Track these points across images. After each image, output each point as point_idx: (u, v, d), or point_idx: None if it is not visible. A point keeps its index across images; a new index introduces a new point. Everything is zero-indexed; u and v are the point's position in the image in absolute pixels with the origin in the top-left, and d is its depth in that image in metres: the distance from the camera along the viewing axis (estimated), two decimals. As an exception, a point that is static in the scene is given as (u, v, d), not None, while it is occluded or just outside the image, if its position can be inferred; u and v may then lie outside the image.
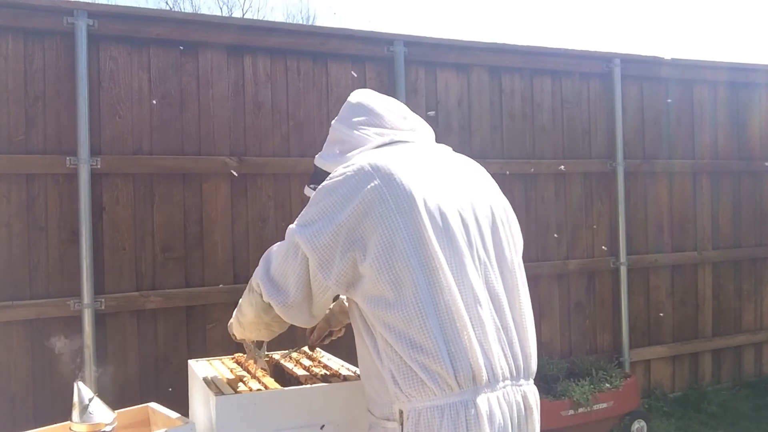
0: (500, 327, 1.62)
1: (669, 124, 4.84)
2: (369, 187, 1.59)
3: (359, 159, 1.69)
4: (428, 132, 1.92)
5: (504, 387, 1.59)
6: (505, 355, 1.61)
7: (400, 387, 1.55)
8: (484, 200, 1.72)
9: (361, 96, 1.91)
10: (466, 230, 1.63)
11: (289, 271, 1.67)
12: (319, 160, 1.92)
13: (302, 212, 1.69)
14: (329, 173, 1.75)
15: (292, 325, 1.85)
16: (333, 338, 2.19)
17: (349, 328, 2.18)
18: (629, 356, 4.58)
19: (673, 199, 4.85)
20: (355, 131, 1.82)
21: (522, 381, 1.64)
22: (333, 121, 1.92)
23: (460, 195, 1.67)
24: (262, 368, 2.19)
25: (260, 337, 1.99)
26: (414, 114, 1.93)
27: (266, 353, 2.45)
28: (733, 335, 5.06)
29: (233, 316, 2.00)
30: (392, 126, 1.83)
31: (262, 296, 1.74)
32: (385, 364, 1.58)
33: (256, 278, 1.76)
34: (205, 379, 2.07)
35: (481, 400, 1.54)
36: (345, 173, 1.65)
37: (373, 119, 1.83)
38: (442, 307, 1.54)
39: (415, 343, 1.53)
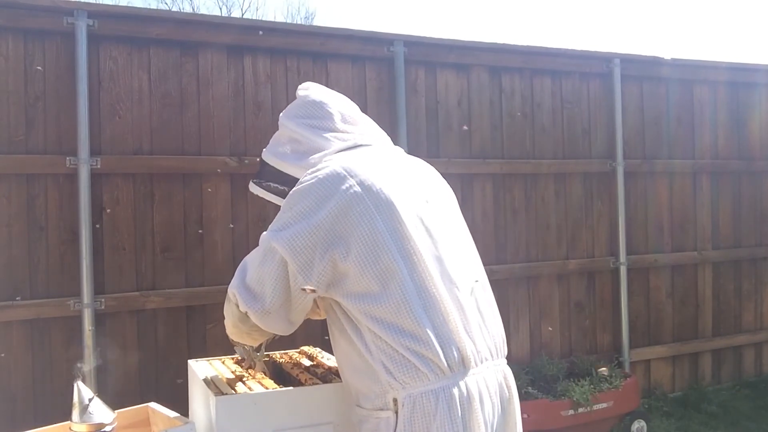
0: (478, 311, 1.69)
1: (669, 124, 4.84)
2: (344, 187, 1.63)
3: (328, 163, 1.71)
4: (383, 134, 1.96)
5: (487, 368, 1.65)
6: (484, 338, 1.67)
7: (393, 375, 1.58)
8: (443, 197, 1.82)
9: (312, 94, 1.91)
10: (435, 223, 1.71)
11: (265, 277, 1.67)
12: (270, 158, 1.91)
13: (276, 218, 1.70)
14: (279, 170, 1.81)
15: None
16: None
17: None
18: (629, 356, 4.58)
19: (673, 199, 4.85)
20: (312, 134, 1.83)
21: (499, 360, 1.72)
22: (281, 116, 1.92)
23: (423, 191, 1.76)
24: (261, 371, 2.19)
25: (247, 343, 2.00)
26: (364, 115, 1.96)
27: (268, 353, 2.45)
28: (733, 335, 5.06)
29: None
30: (351, 130, 1.85)
31: (238, 306, 1.74)
32: (376, 355, 1.60)
33: (232, 288, 1.76)
34: (205, 379, 2.07)
35: (471, 382, 1.60)
36: (317, 176, 1.67)
37: (328, 123, 1.84)
38: (427, 296, 1.60)
39: (405, 331, 1.57)
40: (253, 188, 1.97)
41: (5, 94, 3.13)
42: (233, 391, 1.93)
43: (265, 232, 1.70)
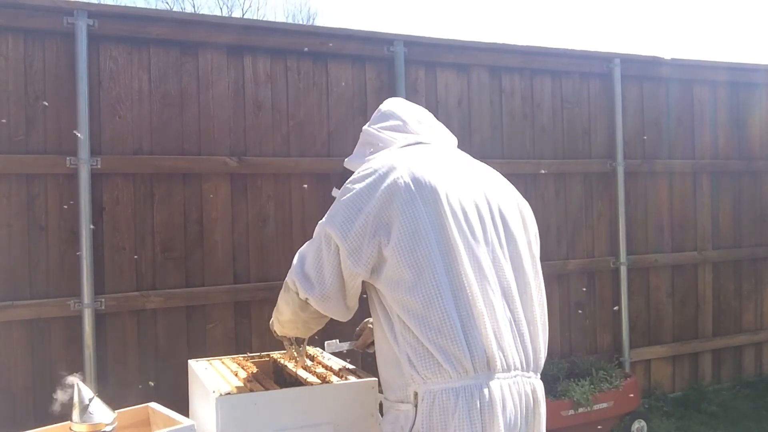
0: (512, 319, 1.68)
1: (669, 124, 4.84)
2: (393, 177, 1.68)
3: (384, 156, 1.80)
4: (451, 139, 2.03)
5: (515, 376, 1.64)
6: (516, 346, 1.67)
7: (416, 369, 1.60)
8: (501, 202, 1.80)
9: (391, 104, 2.03)
10: (483, 226, 1.71)
11: (324, 263, 1.73)
12: (349, 162, 2.01)
13: (331, 207, 1.76)
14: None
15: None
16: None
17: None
18: (629, 356, 4.58)
19: (673, 199, 4.85)
20: (381, 134, 1.93)
21: (531, 374, 1.70)
22: (364, 126, 2.03)
23: (477, 193, 1.75)
24: (302, 366, 2.19)
25: (298, 335, 2.03)
26: (439, 122, 2.04)
27: (268, 353, 2.45)
28: (733, 335, 5.06)
29: (273, 314, 2.02)
30: (416, 131, 1.94)
31: (298, 294, 1.78)
32: (402, 347, 1.63)
33: (291, 276, 1.80)
34: (205, 379, 2.07)
35: (495, 385, 1.59)
36: (370, 167, 1.74)
37: (399, 125, 1.94)
38: (459, 293, 1.61)
39: (433, 325, 1.58)
40: (335, 193, 2.03)
41: (5, 94, 3.13)
42: (234, 391, 1.93)
43: (320, 221, 1.76)
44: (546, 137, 4.42)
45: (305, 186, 3.68)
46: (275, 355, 2.43)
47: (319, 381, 2.05)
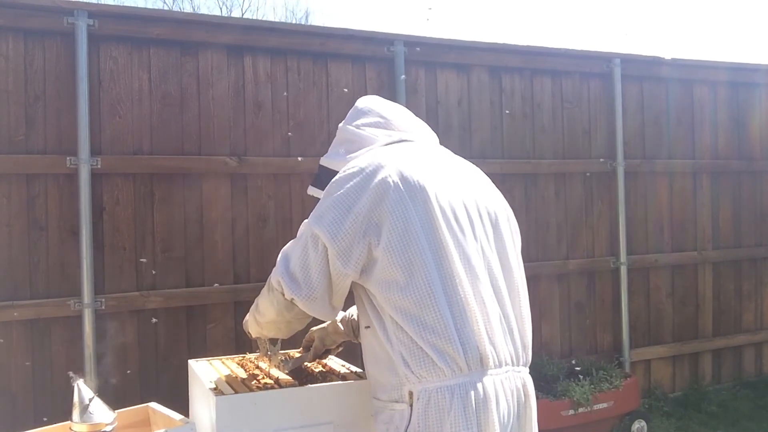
0: (502, 315, 1.70)
1: (669, 124, 4.84)
2: (382, 176, 1.66)
3: (370, 154, 1.76)
4: (432, 136, 2.01)
5: (506, 372, 1.66)
6: (506, 342, 1.68)
7: (410, 368, 1.60)
8: (486, 199, 1.80)
9: (368, 101, 2.00)
10: (472, 224, 1.71)
11: (310, 264, 1.70)
12: (325, 160, 1.97)
13: (317, 206, 1.74)
14: (335, 172, 1.80)
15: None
16: (331, 355, 2.25)
17: (347, 343, 2.20)
18: (629, 356, 4.58)
19: (673, 199, 4.85)
20: (362, 131, 1.90)
21: (521, 368, 1.72)
22: (340, 124, 1.99)
23: (464, 192, 1.75)
24: (275, 365, 2.19)
25: (279, 335, 2.01)
26: (418, 119, 2.02)
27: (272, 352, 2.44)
28: (733, 335, 5.06)
29: (249, 314, 2.01)
30: (399, 128, 1.91)
31: (283, 294, 1.76)
32: (395, 347, 1.63)
33: (277, 276, 1.78)
34: (205, 379, 2.07)
35: (488, 382, 1.60)
36: (357, 165, 1.71)
37: (380, 122, 1.91)
38: (451, 292, 1.61)
39: (427, 324, 1.59)
40: (312, 191, 2.03)
41: (5, 94, 3.13)
42: (233, 391, 1.93)
43: (305, 220, 1.74)
44: (546, 137, 4.42)
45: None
46: (251, 355, 2.43)
47: (320, 381, 2.05)
